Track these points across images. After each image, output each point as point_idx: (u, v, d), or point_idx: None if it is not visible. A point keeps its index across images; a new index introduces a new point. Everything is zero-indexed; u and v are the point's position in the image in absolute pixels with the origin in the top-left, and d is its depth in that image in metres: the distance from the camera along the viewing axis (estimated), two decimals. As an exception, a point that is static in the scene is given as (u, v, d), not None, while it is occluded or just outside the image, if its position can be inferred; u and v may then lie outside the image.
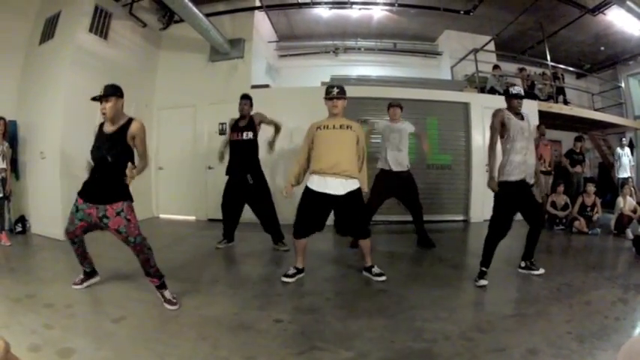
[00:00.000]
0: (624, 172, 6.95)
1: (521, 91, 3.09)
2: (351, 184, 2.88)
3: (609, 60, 8.39)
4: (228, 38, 6.02)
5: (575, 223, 5.12)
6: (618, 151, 7.11)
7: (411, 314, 2.34)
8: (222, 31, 5.83)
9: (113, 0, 5.18)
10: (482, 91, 6.46)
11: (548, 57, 7.08)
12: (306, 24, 7.50)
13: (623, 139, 7.46)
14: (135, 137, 2.37)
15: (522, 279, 3.07)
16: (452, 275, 3.26)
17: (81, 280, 2.67)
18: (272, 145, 4.02)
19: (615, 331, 2.07)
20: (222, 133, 5.74)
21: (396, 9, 6.71)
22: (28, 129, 4.69)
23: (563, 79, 8.19)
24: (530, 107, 5.98)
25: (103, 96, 2.33)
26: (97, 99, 2.35)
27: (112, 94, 2.34)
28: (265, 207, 3.91)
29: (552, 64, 7.24)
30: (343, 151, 2.88)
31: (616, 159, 7.18)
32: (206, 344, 1.94)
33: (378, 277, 2.99)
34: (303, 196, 2.97)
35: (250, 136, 3.84)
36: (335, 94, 2.95)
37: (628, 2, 5.39)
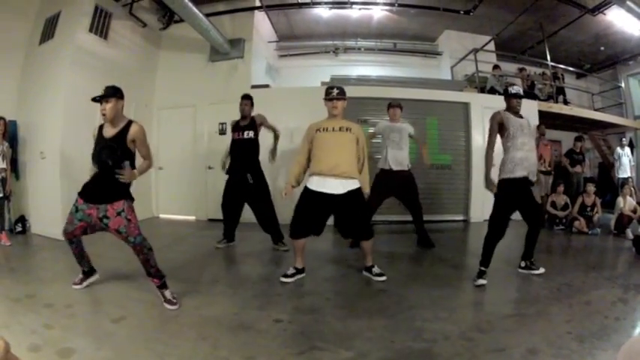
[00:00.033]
0: (624, 172, 6.95)
1: (520, 91, 3.10)
2: (350, 184, 2.88)
3: (609, 60, 8.40)
4: (228, 38, 6.02)
5: (575, 223, 5.12)
6: (618, 151, 7.12)
7: (410, 314, 2.34)
8: (222, 31, 5.83)
9: (113, 0, 5.19)
10: (482, 91, 6.46)
11: (548, 57, 7.08)
12: (306, 24, 7.50)
13: (623, 139, 7.46)
14: (135, 140, 2.39)
15: (522, 279, 3.07)
16: (452, 275, 3.26)
17: (80, 279, 2.67)
18: (273, 154, 3.99)
19: (615, 331, 2.07)
20: (223, 133, 5.75)
21: (396, 9, 6.71)
22: (28, 129, 4.69)
23: (563, 79, 8.19)
24: (530, 107, 5.99)
25: (103, 97, 2.34)
26: (97, 100, 2.35)
27: (112, 95, 2.35)
28: (265, 207, 3.90)
29: (552, 64, 7.24)
30: (343, 154, 2.88)
31: (616, 159, 7.17)
32: (206, 344, 1.94)
33: (378, 277, 2.99)
34: (302, 195, 2.97)
35: (251, 135, 3.85)
36: (335, 94, 2.95)
37: (628, 2, 5.39)
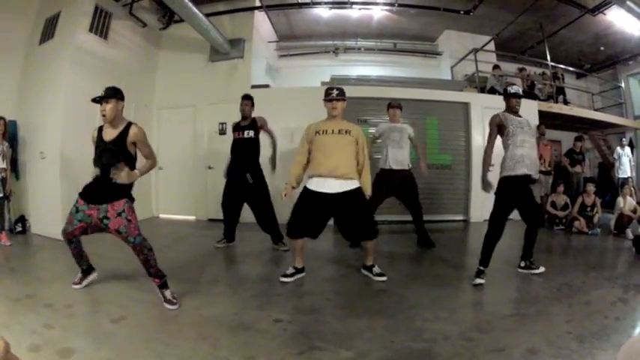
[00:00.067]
0: (624, 172, 6.95)
1: (519, 91, 3.10)
2: (350, 184, 2.88)
3: (609, 60, 8.40)
4: (228, 38, 6.02)
5: (575, 223, 5.12)
6: (618, 150, 7.11)
7: (410, 314, 2.34)
8: (222, 31, 5.83)
9: (113, 0, 5.19)
10: (482, 91, 6.46)
11: (548, 57, 7.08)
12: (306, 24, 7.50)
13: (623, 139, 7.46)
14: (136, 142, 2.40)
15: (522, 279, 3.07)
16: (452, 275, 3.26)
17: (80, 278, 2.67)
18: (273, 163, 3.99)
19: (615, 331, 2.07)
20: (223, 132, 5.75)
21: (396, 9, 6.71)
22: (28, 129, 4.69)
23: (563, 79, 8.19)
24: (530, 107, 5.99)
25: (103, 97, 2.34)
26: (97, 100, 2.36)
27: (112, 95, 2.36)
28: (264, 207, 3.90)
29: (552, 64, 7.24)
30: (342, 156, 2.88)
31: (616, 159, 7.17)
32: (206, 344, 1.94)
33: (378, 277, 2.98)
34: (301, 195, 2.96)
35: (252, 134, 3.86)
36: (334, 95, 2.95)
37: (628, 2, 5.40)
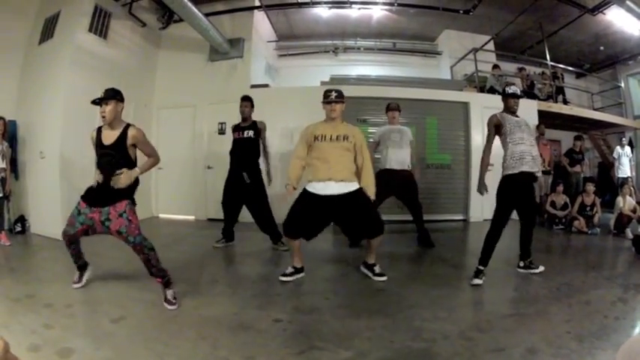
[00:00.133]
0: (624, 172, 6.96)
1: (518, 91, 3.10)
2: (350, 186, 2.87)
3: (609, 60, 8.40)
4: (228, 38, 6.02)
5: (575, 222, 5.12)
6: (618, 150, 7.12)
7: (410, 314, 2.34)
8: (222, 31, 5.83)
9: (113, 0, 5.19)
10: (481, 90, 6.47)
11: (548, 57, 7.08)
12: (305, 24, 7.50)
13: (623, 139, 7.47)
14: (136, 144, 2.41)
15: (521, 279, 3.07)
16: (451, 275, 3.26)
17: (78, 277, 2.68)
18: (269, 175, 3.96)
19: (615, 330, 2.07)
20: (222, 132, 5.75)
21: (396, 9, 6.71)
22: (27, 129, 4.68)
23: (563, 79, 8.19)
24: (530, 107, 6.00)
25: (102, 99, 2.35)
26: (97, 102, 2.36)
27: (112, 97, 2.36)
28: (261, 208, 3.91)
29: (552, 63, 7.24)
30: (341, 162, 2.88)
31: (616, 158, 7.18)
32: (206, 344, 1.94)
33: (379, 277, 2.98)
34: (300, 197, 2.95)
35: (251, 134, 3.88)
36: (333, 97, 2.94)
37: (628, 2, 5.40)
